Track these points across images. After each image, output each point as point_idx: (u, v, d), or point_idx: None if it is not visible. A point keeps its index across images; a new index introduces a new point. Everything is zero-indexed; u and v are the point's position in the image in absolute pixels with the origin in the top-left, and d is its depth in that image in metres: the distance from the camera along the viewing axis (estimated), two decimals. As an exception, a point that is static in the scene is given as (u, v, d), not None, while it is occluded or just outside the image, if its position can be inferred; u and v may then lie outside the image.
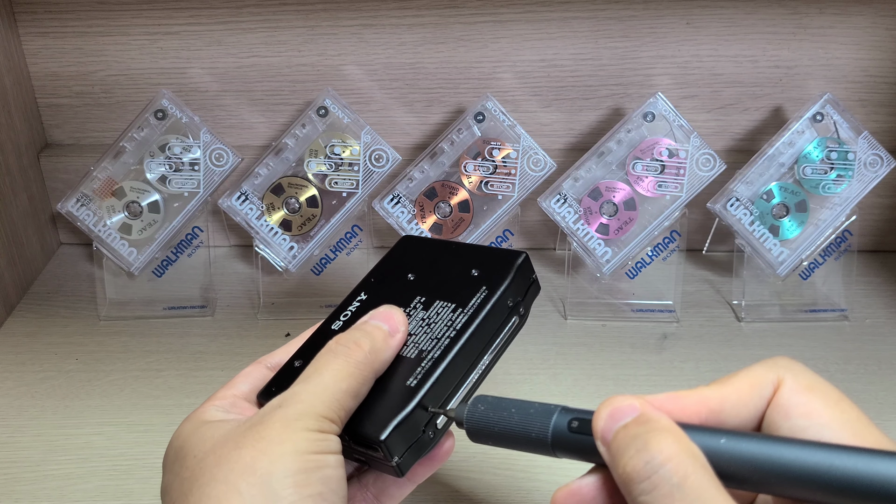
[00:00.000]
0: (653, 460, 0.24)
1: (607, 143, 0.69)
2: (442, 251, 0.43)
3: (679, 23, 0.74)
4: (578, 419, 0.29)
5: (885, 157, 0.69)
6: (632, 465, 0.25)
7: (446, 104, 0.79)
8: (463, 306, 0.39)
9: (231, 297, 0.77)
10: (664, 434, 0.25)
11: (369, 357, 0.35)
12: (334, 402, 0.33)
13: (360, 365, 0.34)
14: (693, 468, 0.24)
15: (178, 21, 0.75)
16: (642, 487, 0.24)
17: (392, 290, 0.42)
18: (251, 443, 0.32)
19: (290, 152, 0.70)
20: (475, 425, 0.33)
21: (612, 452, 0.27)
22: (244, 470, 0.31)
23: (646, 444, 0.25)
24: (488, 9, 0.74)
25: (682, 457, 0.24)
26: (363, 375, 0.34)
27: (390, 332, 0.37)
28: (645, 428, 0.26)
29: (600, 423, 0.28)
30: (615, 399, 0.28)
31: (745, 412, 0.28)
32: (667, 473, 0.24)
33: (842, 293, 0.73)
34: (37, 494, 0.55)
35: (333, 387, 0.33)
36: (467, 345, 0.37)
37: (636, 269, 0.72)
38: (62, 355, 0.69)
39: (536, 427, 0.30)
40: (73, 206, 0.71)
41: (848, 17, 0.74)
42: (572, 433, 0.29)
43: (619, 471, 0.26)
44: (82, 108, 0.80)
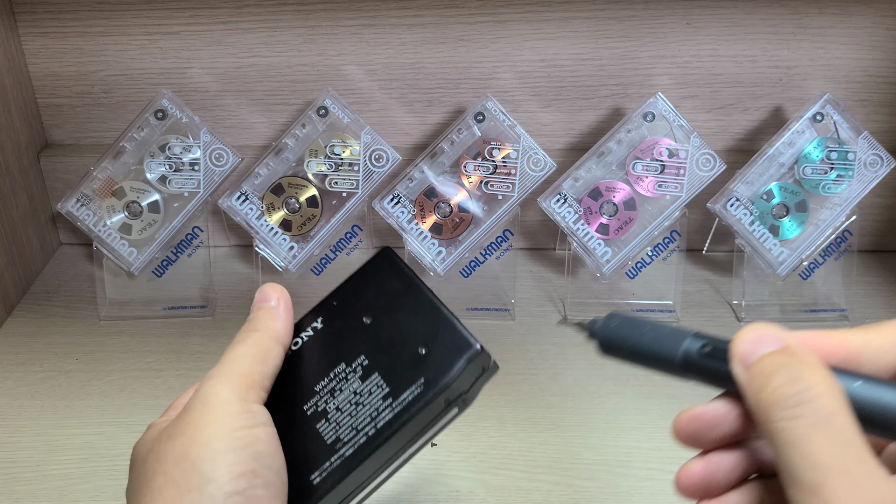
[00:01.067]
0: (805, 391, 0.25)
1: (607, 143, 0.69)
2: (408, 295, 0.38)
3: (679, 23, 0.74)
4: (712, 344, 0.30)
5: (885, 157, 0.69)
6: (781, 392, 0.25)
7: (446, 104, 0.79)
8: (394, 397, 0.35)
9: (231, 297, 0.77)
10: (816, 369, 0.25)
11: (259, 330, 0.37)
12: (244, 370, 0.35)
13: (255, 335, 0.37)
14: (841, 407, 0.24)
15: (178, 21, 0.75)
16: (786, 414, 0.24)
17: (342, 330, 0.39)
18: (180, 431, 0.33)
19: (290, 152, 0.70)
20: (608, 339, 0.33)
21: (753, 376, 0.27)
22: (178, 458, 0.32)
23: (799, 374, 0.25)
24: (488, 9, 0.74)
25: (833, 393, 0.25)
26: (261, 341, 0.37)
27: (271, 305, 0.39)
28: (795, 359, 0.26)
29: (742, 346, 0.28)
30: (758, 325, 0.28)
31: (885, 360, 0.27)
32: (817, 406, 0.24)
33: (842, 293, 0.73)
34: (37, 494, 0.55)
35: (238, 359, 0.36)
36: (386, 447, 0.35)
37: (636, 269, 0.72)
38: (62, 355, 0.69)
39: (668, 346, 0.31)
40: (73, 206, 0.71)
41: (848, 17, 0.74)
42: (703, 358, 0.30)
43: (762, 394, 0.26)
44: (82, 108, 0.80)
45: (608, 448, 0.59)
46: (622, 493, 0.55)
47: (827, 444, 0.24)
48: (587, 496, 0.55)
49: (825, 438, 0.24)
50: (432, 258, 0.71)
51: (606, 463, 0.57)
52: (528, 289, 0.78)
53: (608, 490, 0.55)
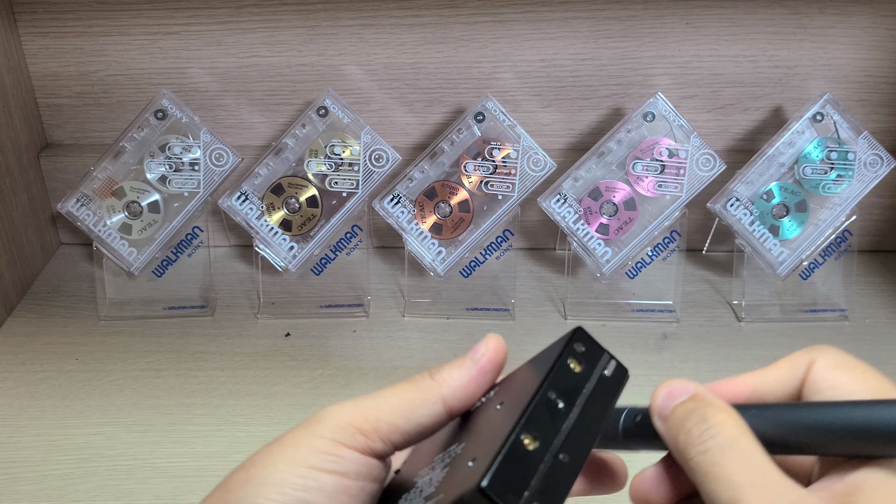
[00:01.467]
0: (711, 427, 0.28)
1: (607, 143, 0.69)
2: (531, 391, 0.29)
3: (679, 23, 0.74)
4: (642, 413, 0.32)
5: (885, 157, 0.68)
6: (692, 433, 0.28)
7: (446, 104, 0.79)
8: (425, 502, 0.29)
9: (231, 297, 0.77)
10: (719, 407, 0.29)
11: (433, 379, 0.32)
12: (373, 412, 0.30)
13: (424, 383, 0.31)
14: (743, 433, 0.28)
15: (178, 21, 0.75)
16: (699, 449, 0.28)
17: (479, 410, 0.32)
18: (271, 442, 0.31)
19: (290, 152, 0.70)
20: None
21: (669, 425, 0.30)
22: (243, 467, 0.30)
23: (704, 416, 0.28)
24: (488, 9, 0.74)
25: (733, 423, 0.28)
26: (422, 396, 0.31)
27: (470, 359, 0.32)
28: (701, 404, 0.29)
29: (658, 401, 0.30)
30: (671, 382, 0.31)
31: (783, 391, 0.31)
32: (721, 436, 0.27)
33: (842, 293, 0.73)
34: (37, 494, 0.55)
35: (382, 398, 0.31)
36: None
37: (636, 269, 0.72)
38: (62, 355, 0.69)
39: (610, 427, 0.33)
40: (73, 206, 0.71)
41: (848, 17, 0.74)
42: (637, 426, 0.32)
43: (678, 439, 0.29)
44: (82, 108, 0.80)
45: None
46: (622, 493, 0.55)
47: (735, 464, 0.26)
48: (586, 496, 0.55)
49: (733, 460, 0.27)
50: (432, 258, 0.71)
51: (606, 463, 0.57)
52: (528, 289, 0.78)
53: (608, 490, 0.55)
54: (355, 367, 0.67)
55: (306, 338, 0.71)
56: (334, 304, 0.74)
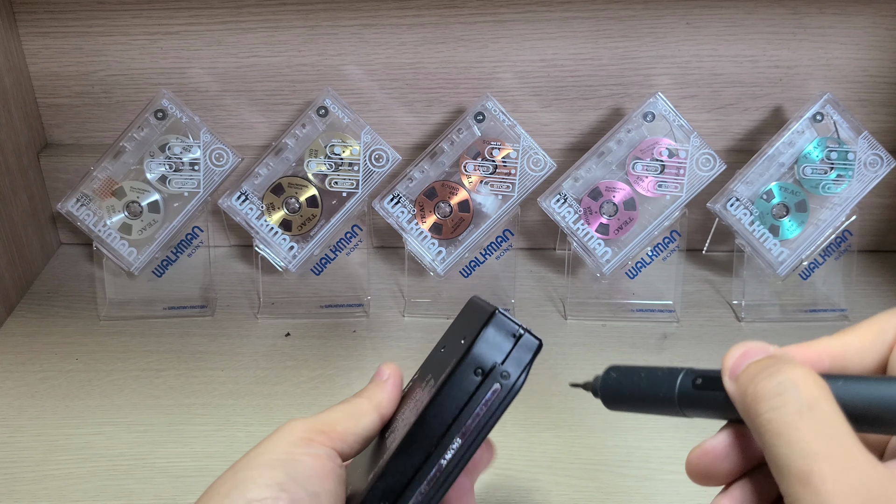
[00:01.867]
0: (785, 381, 0.25)
1: (607, 143, 0.69)
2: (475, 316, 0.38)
3: (679, 23, 0.74)
4: (703, 376, 0.30)
5: (885, 157, 0.69)
6: (762, 385, 0.25)
7: (446, 104, 0.79)
8: (435, 381, 0.36)
9: (231, 297, 0.77)
10: (796, 365, 0.26)
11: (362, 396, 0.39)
12: (327, 418, 0.36)
13: (355, 398, 0.38)
14: (824, 395, 0.25)
15: (178, 21, 0.75)
16: (771, 404, 0.25)
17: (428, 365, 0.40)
18: (245, 454, 0.35)
19: (290, 152, 0.70)
20: (609, 392, 0.35)
21: (741, 383, 0.27)
22: (225, 472, 0.34)
23: (778, 369, 0.26)
24: (488, 9, 0.74)
25: (813, 383, 0.25)
26: (357, 403, 0.38)
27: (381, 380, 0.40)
28: (777, 360, 0.27)
29: (730, 361, 0.28)
30: (747, 342, 0.28)
31: (869, 358, 0.28)
32: (798, 394, 0.24)
33: (842, 293, 0.73)
34: (37, 494, 0.55)
35: (328, 411, 0.37)
36: (421, 429, 0.35)
37: (636, 269, 0.72)
38: (62, 355, 0.69)
39: (664, 389, 0.32)
40: (73, 206, 0.71)
41: (848, 17, 0.74)
42: (697, 390, 0.30)
43: (747, 394, 0.26)
44: (82, 108, 0.80)
45: (608, 448, 0.58)
46: (622, 493, 0.55)
47: (812, 430, 0.24)
48: (587, 496, 0.55)
49: (810, 425, 0.24)
50: (432, 258, 0.71)
51: (606, 463, 0.57)
52: (528, 289, 0.78)
53: (608, 490, 0.55)
54: (355, 367, 0.67)
55: (306, 338, 0.71)
56: (334, 304, 0.74)
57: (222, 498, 0.32)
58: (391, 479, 0.35)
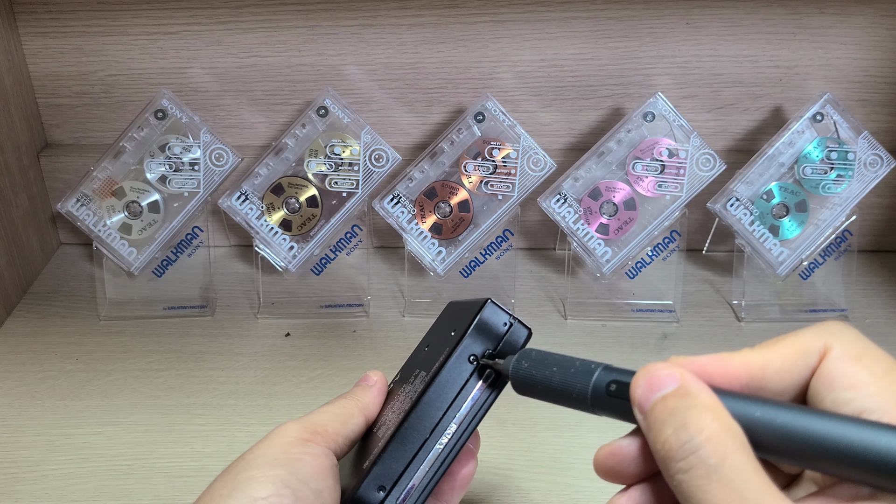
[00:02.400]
0: (691, 440, 0.24)
1: (607, 143, 0.69)
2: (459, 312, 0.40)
3: (679, 23, 0.74)
4: (617, 382, 0.29)
5: (885, 157, 0.69)
6: (670, 443, 0.24)
7: (446, 104, 0.79)
8: (427, 371, 0.37)
9: (231, 297, 0.77)
10: (704, 412, 0.24)
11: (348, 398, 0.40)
12: (318, 420, 0.37)
13: (342, 400, 0.40)
14: (732, 448, 0.23)
15: (178, 21, 0.75)
16: (679, 466, 0.24)
17: (412, 364, 0.41)
18: (240, 457, 0.35)
19: (290, 152, 0.70)
20: (519, 380, 0.34)
21: (649, 424, 0.26)
22: (223, 474, 0.34)
23: (685, 422, 0.24)
24: (488, 9, 0.74)
25: (721, 437, 0.24)
26: (345, 405, 0.39)
27: (367, 385, 0.41)
28: (684, 403, 0.25)
29: (638, 392, 0.27)
30: (653, 367, 0.27)
31: (789, 379, 0.27)
32: (705, 454, 0.23)
33: (842, 293, 0.73)
34: (37, 494, 0.55)
35: (317, 413, 0.38)
36: (417, 417, 0.36)
37: (636, 269, 0.72)
38: (62, 355, 0.69)
39: (577, 386, 0.31)
40: (73, 206, 0.71)
41: (848, 17, 0.74)
42: (610, 396, 0.29)
43: (657, 445, 0.25)
44: (82, 108, 0.80)
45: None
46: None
47: (723, 493, 0.23)
48: (587, 496, 0.55)
49: (720, 488, 0.23)
50: (432, 258, 0.71)
51: (606, 463, 0.57)
52: (528, 289, 0.78)
53: (608, 490, 0.55)
54: (355, 367, 0.67)
55: (306, 338, 0.71)
56: (334, 304, 0.74)
57: (225, 498, 0.32)
58: (388, 465, 0.35)
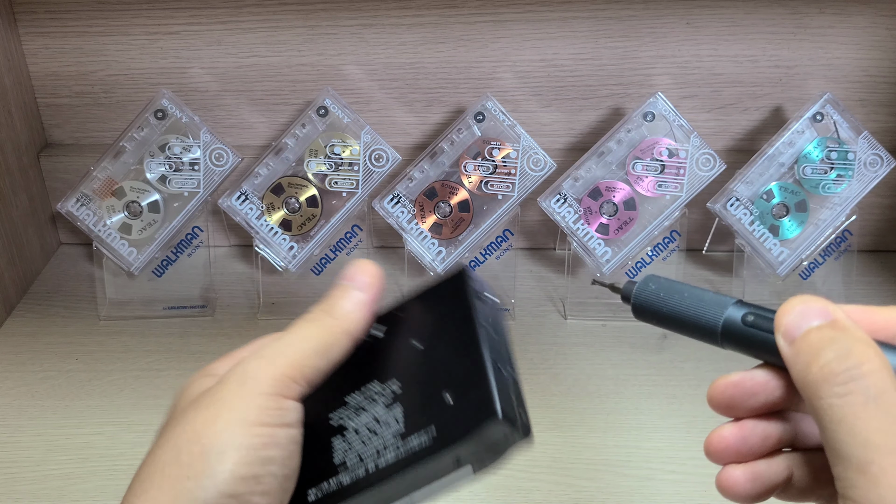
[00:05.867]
0: (855, 368, 0.24)
1: (607, 143, 0.69)
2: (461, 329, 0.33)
3: (679, 23, 0.74)
4: (755, 313, 0.29)
5: (885, 156, 0.69)
6: (829, 368, 0.24)
7: (446, 104, 0.79)
8: (404, 439, 0.31)
9: (231, 297, 0.77)
10: (866, 345, 0.25)
11: (334, 316, 0.34)
12: (297, 359, 0.32)
13: (326, 320, 0.34)
14: (891, 385, 0.24)
15: (178, 21, 0.75)
16: (836, 391, 0.24)
17: (392, 346, 0.35)
18: (206, 404, 0.31)
19: (290, 152, 0.70)
20: (644, 303, 0.32)
21: (799, 350, 0.26)
22: (191, 437, 0.30)
23: (849, 350, 0.25)
24: (488, 9, 0.74)
25: (884, 372, 0.24)
26: (330, 331, 0.33)
27: (356, 289, 0.35)
28: (844, 334, 0.25)
29: (787, 318, 0.27)
30: (803, 297, 0.27)
31: None
32: (867, 384, 0.24)
33: (842, 293, 0.73)
34: (37, 494, 0.55)
35: (296, 345, 0.33)
36: (382, 488, 0.31)
37: (636, 269, 0.72)
38: (62, 355, 0.69)
39: (708, 314, 0.30)
40: (73, 206, 0.71)
41: (848, 17, 0.74)
42: (746, 326, 0.29)
43: (810, 370, 0.25)
44: (82, 108, 0.80)
45: (608, 448, 0.59)
46: (622, 493, 0.55)
47: (877, 422, 0.23)
48: (587, 496, 0.55)
49: (875, 417, 0.23)
50: (432, 258, 0.71)
51: (606, 463, 0.57)
52: (528, 289, 0.78)
53: (608, 490, 0.55)
54: (355, 367, 0.67)
55: (306, 338, 0.71)
56: (334, 304, 0.74)
57: (192, 481, 0.29)
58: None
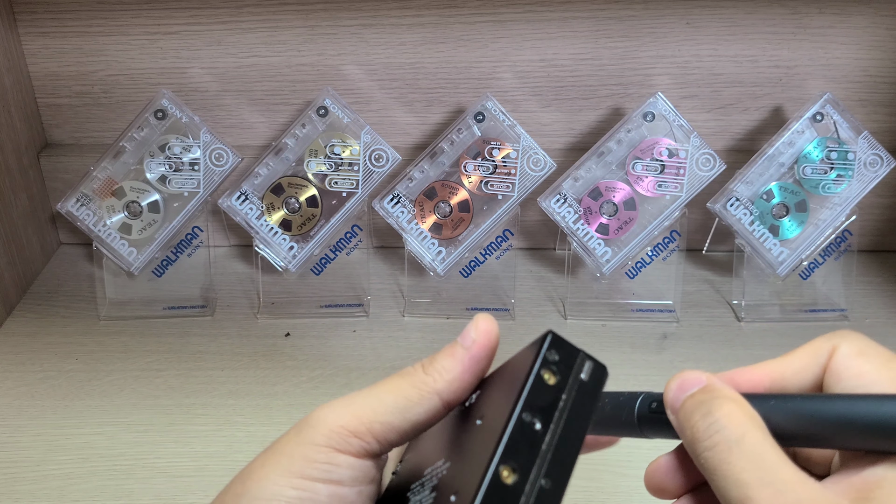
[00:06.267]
0: (716, 422, 0.27)
1: (607, 143, 0.69)
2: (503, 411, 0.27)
3: (679, 23, 0.74)
4: (657, 400, 0.32)
5: (885, 156, 0.69)
6: (697, 427, 0.28)
7: (446, 104, 0.79)
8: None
9: (231, 297, 0.77)
10: (725, 400, 0.28)
11: (427, 373, 0.30)
12: (367, 413, 0.29)
13: (417, 377, 0.30)
14: (751, 427, 0.27)
15: (178, 21, 0.75)
16: (705, 445, 0.27)
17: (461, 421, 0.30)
18: (267, 449, 0.30)
19: (290, 152, 0.70)
20: None
21: (679, 419, 0.29)
22: (239, 479, 0.30)
23: (710, 409, 0.28)
24: (488, 9, 0.74)
25: (740, 417, 0.27)
26: (418, 391, 0.30)
27: (461, 346, 0.30)
28: (709, 395, 0.28)
29: (669, 395, 0.30)
30: (684, 373, 0.30)
31: (805, 379, 0.30)
32: (727, 433, 0.27)
33: (842, 293, 0.73)
34: (37, 494, 0.55)
35: (374, 396, 0.30)
36: None
37: (636, 269, 0.72)
38: (62, 355, 0.69)
39: (625, 413, 0.32)
40: (73, 206, 0.71)
41: (848, 17, 0.74)
42: (653, 413, 0.32)
43: (686, 433, 0.29)
44: (82, 108, 0.80)
45: (608, 448, 0.58)
46: (622, 493, 0.55)
47: (743, 462, 0.26)
48: (587, 496, 0.55)
49: (740, 458, 0.26)
50: (432, 258, 0.71)
51: (606, 463, 0.57)
52: (528, 289, 0.78)
53: (608, 490, 0.55)
54: (355, 367, 0.67)
55: (306, 338, 0.71)
56: (334, 304, 0.74)
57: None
58: None
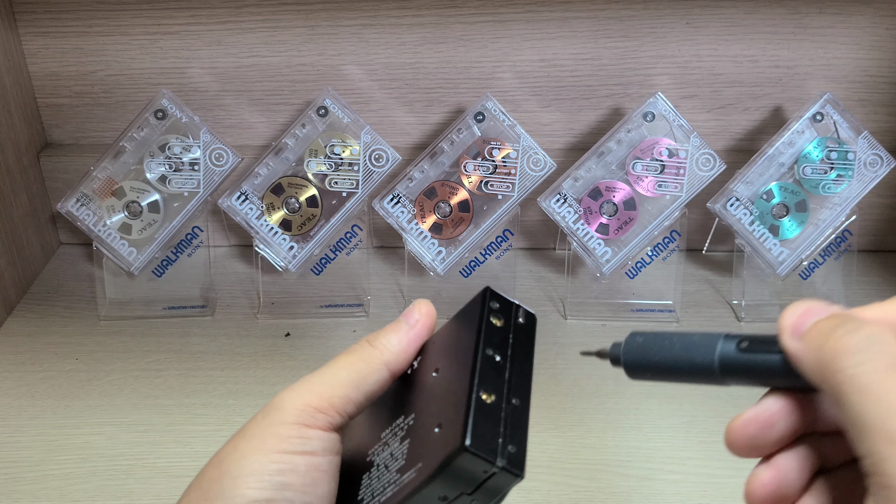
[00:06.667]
0: (870, 335, 0.24)
1: (607, 143, 0.69)
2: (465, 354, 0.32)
3: (679, 23, 0.74)
4: (748, 339, 0.28)
5: (885, 156, 0.69)
6: (845, 341, 0.24)
7: (446, 104, 0.79)
8: (401, 475, 0.31)
9: (231, 297, 0.77)
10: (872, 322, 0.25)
11: (374, 347, 0.34)
12: (326, 389, 0.32)
13: (366, 351, 0.33)
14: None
15: (178, 21, 0.75)
16: (857, 359, 0.23)
17: (418, 378, 0.34)
18: (235, 435, 0.32)
19: (290, 152, 0.70)
20: (634, 359, 0.31)
21: (810, 338, 0.25)
22: (214, 463, 0.31)
23: (858, 325, 0.24)
24: (488, 9, 0.74)
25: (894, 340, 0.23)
26: (368, 365, 0.33)
27: (405, 323, 0.34)
28: (850, 318, 0.25)
29: (790, 319, 0.27)
30: (804, 301, 0.27)
31: None
32: (886, 348, 0.23)
33: (842, 293, 0.73)
34: (37, 494, 0.55)
35: (329, 375, 0.33)
36: None
37: (636, 269, 0.72)
38: (62, 355, 0.69)
39: (701, 354, 0.29)
40: (73, 206, 0.71)
41: (848, 17, 0.74)
42: (742, 353, 0.28)
43: (825, 348, 0.24)
44: (82, 108, 0.80)
45: (608, 448, 0.59)
46: (622, 493, 0.55)
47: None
48: (587, 496, 0.55)
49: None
50: (432, 258, 0.71)
51: (606, 463, 0.57)
52: (528, 289, 0.78)
53: (608, 490, 0.55)
54: (355, 367, 0.67)
55: (306, 338, 0.71)
56: (334, 304, 0.74)
57: (206, 502, 0.30)
58: None
